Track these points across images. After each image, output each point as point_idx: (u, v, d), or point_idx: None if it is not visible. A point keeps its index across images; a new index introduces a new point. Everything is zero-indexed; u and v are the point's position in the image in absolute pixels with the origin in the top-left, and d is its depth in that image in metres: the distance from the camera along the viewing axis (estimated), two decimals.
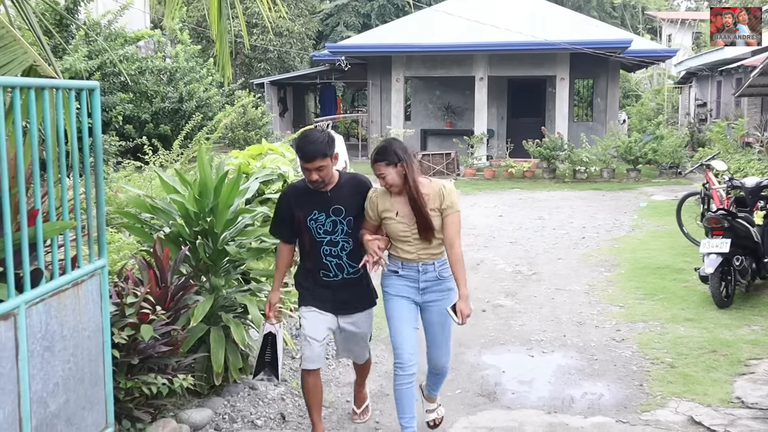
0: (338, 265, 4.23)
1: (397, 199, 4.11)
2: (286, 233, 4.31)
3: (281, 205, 4.30)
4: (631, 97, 33.23)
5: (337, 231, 4.20)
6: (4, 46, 3.10)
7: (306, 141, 4.05)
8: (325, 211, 4.18)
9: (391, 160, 4.03)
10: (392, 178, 4.03)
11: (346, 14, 33.13)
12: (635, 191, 16.17)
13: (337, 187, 4.22)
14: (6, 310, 2.64)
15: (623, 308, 7.09)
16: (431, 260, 4.18)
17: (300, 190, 4.25)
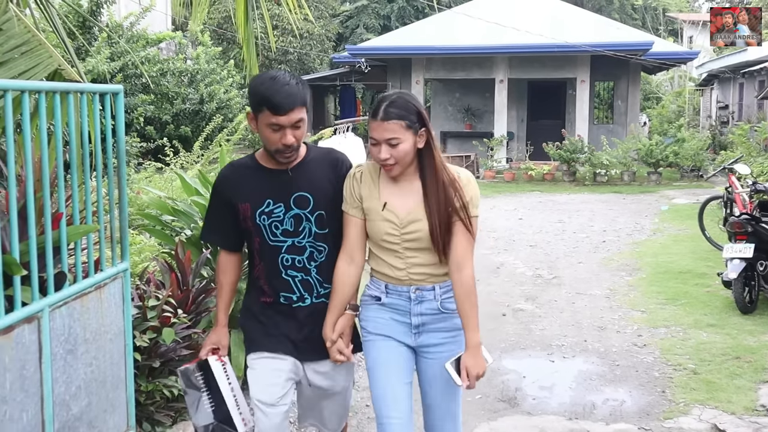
0: (305, 282, 2.98)
1: (390, 184, 2.92)
2: (224, 236, 3.09)
3: (216, 194, 3.05)
4: (651, 100, 33.01)
5: (302, 231, 2.94)
6: (29, 51, 3.13)
7: (277, 83, 2.78)
8: (284, 200, 2.92)
9: (411, 121, 2.82)
10: (405, 150, 2.81)
11: (365, 16, 33.15)
12: (656, 194, 16.05)
13: (303, 164, 2.96)
14: (30, 313, 2.66)
15: (645, 313, 7.03)
16: (430, 283, 2.94)
17: (244, 170, 3.00)
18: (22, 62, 3.10)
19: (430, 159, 2.89)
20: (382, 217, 2.89)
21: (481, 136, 20.91)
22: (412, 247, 2.90)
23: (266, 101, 2.77)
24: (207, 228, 3.16)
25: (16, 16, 3.23)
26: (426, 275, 2.94)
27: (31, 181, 2.73)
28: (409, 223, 2.88)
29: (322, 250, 3.00)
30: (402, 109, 2.83)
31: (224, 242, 3.12)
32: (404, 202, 2.89)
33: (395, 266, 2.94)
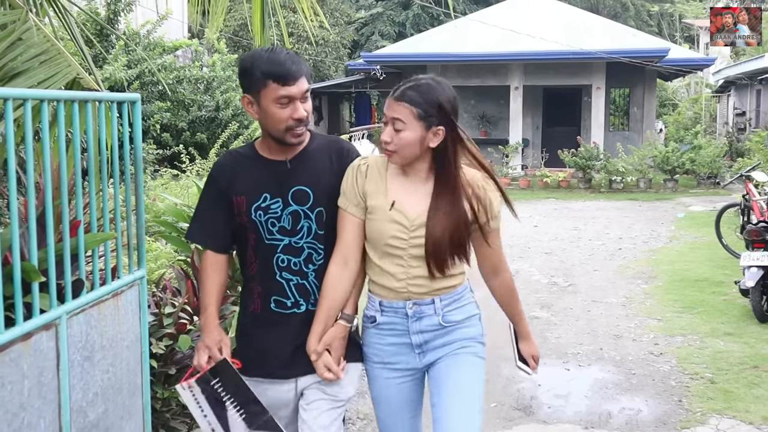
0: (300, 287, 2.68)
1: (399, 181, 2.61)
2: (214, 235, 2.75)
3: (211, 185, 2.75)
4: (668, 106, 32.89)
5: (301, 230, 2.65)
6: (48, 60, 3.16)
7: (277, 54, 2.55)
8: (281, 195, 2.64)
9: (426, 112, 2.51)
10: (407, 140, 2.51)
11: (381, 23, 33.24)
12: (672, 202, 15.98)
13: (304, 155, 2.68)
14: (48, 320, 2.67)
15: (661, 321, 7.00)
16: (429, 296, 2.64)
17: (242, 159, 2.72)
18: (41, 71, 3.13)
19: (444, 164, 2.56)
20: (389, 218, 2.55)
21: (496, 143, 20.89)
22: (418, 255, 2.57)
23: (271, 73, 2.50)
24: (196, 225, 2.78)
25: (36, 26, 3.26)
26: (428, 289, 2.63)
27: (49, 188, 2.76)
28: (419, 227, 2.56)
29: (321, 253, 2.68)
30: (421, 95, 2.51)
31: (214, 242, 2.75)
32: (415, 202, 2.58)
33: (395, 275, 2.60)
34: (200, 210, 2.78)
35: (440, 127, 2.53)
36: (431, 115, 2.51)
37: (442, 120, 2.52)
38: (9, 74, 3.09)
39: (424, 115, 2.50)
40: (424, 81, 2.56)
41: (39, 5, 4.02)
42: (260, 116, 2.59)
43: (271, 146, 2.68)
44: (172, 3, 17.39)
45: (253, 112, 2.60)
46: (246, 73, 2.57)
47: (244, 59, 2.60)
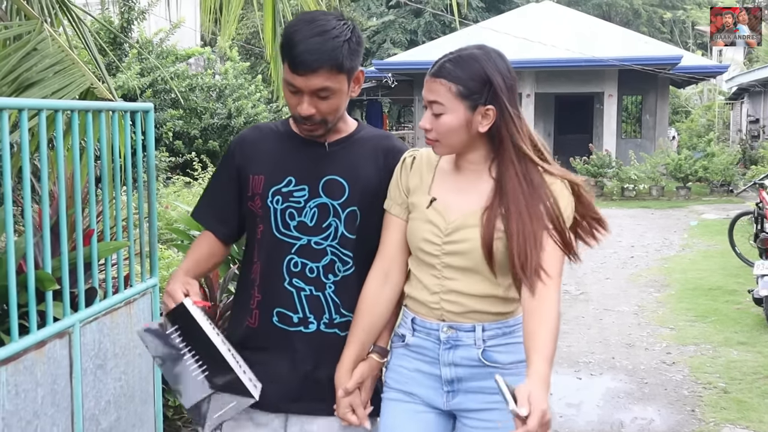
0: (313, 300, 2.18)
1: (450, 177, 2.15)
2: (221, 218, 2.31)
3: (227, 160, 2.32)
4: (680, 114, 32.78)
5: (327, 229, 2.18)
6: (63, 70, 3.19)
7: (309, 29, 2.05)
8: (310, 182, 2.18)
9: (468, 89, 2.01)
10: (448, 125, 2.03)
11: (392, 31, 33.30)
12: (685, 210, 15.92)
13: (346, 141, 2.24)
14: (61, 328, 2.69)
15: (674, 330, 6.97)
16: (470, 320, 2.10)
17: (269, 133, 2.30)
18: (55, 81, 3.16)
19: (505, 151, 2.04)
20: (425, 218, 2.10)
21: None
22: (453, 265, 2.07)
23: (286, 50, 2.06)
24: (205, 203, 2.37)
25: (51, 36, 3.29)
26: (465, 309, 2.09)
27: (63, 197, 2.78)
28: (456, 230, 2.06)
29: (348, 262, 2.20)
30: (462, 68, 2.02)
31: (220, 227, 2.31)
32: (461, 201, 2.09)
33: (428, 287, 2.11)
34: (211, 188, 2.37)
35: (489, 106, 2.01)
36: (475, 92, 2.01)
37: (490, 98, 2.01)
38: (24, 84, 3.12)
39: (466, 93, 2.01)
40: (467, 51, 2.06)
41: (54, 15, 4.06)
42: None
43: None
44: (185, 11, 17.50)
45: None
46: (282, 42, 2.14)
47: (287, 24, 2.22)
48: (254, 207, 2.23)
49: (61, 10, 4.17)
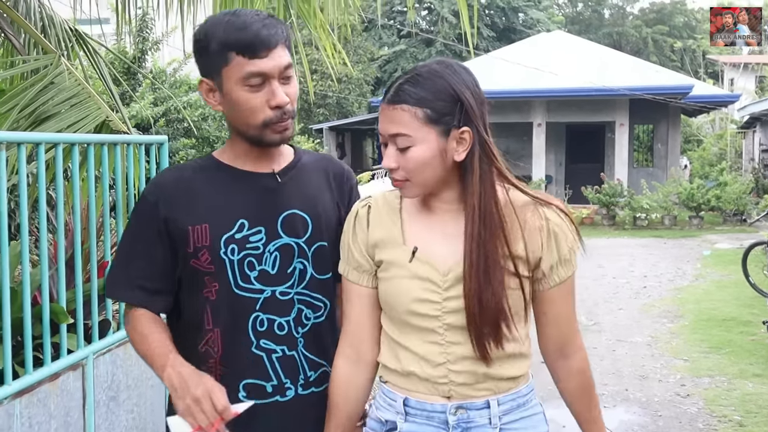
0: (287, 362, 1.84)
1: (421, 218, 1.79)
2: (148, 286, 1.83)
3: (143, 214, 1.86)
4: (692, 142, 32.76)
5: (292, 275, 1.84)
6: (79, 103, 3.23)
7: (242, 16, 1.76)
8: (267, 222, 1.83)
9: (437, 112, 1.67)
10: (419, 158, 1.68)
11: (403, 60, 33.53)
12: (698, 239, 15.84)
13: (295, 167, 1.92)
14: (75, 360, 2.71)
15: (688, 362, 6.91)
16: (483, 395, 1.74)
17: (197, 174, 1.87)
18: (72, 114, 3.20)
19: (470, 181, 1.70)
20: (411, 273, 1.72)
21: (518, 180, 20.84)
22: (458, 325, 1.70)
23: (232, 42, 1.73)
24: (120, 273, 1.85)
25: (67, 70, 3.34)
26: (478, 379, 1.72)
27: (78, 230, 2.80)
28: (456, 282, 1.70)
29: (320, 308, 1.88)
30: (424, 88, 1.67)
31: (151, 298, 1.83)
32: (449, 247, 1.72)
33: (429, 359, 1.72)
34: (127, 251, 1.86)
35: (464, 128, 1.68)
36: (445, 113, 1.67)
37: (463, 119, 1.68)
38: (41, 117, 3.17)
39: (435, 117, 1.67)
40: (425, 68, 1.71)
41: (70, 48, 4.12)
42: (225, 108, 1.82)
43: (245, 152, 1.86)
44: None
45: (215, 103, 1.83)
46: (200, 47, 1.80)
47: (198, 29, 1.83)
48: (200, 264, 1.80)
49: (77, 42, 4.23)
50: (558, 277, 1.76)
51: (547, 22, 36.39)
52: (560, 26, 36.57)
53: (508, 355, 1.73)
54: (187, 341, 1.82)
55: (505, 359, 1.73)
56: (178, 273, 1.82)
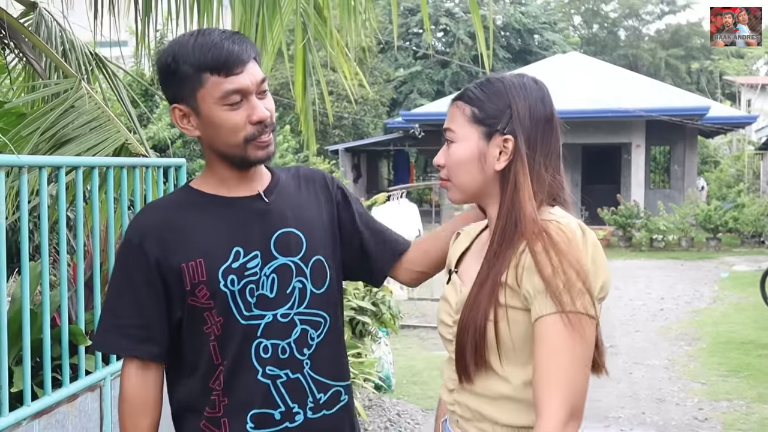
0: (293, 386, 1.78)
1: (477, 246, 1.75)
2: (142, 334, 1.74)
3: (128, 259, 1.77)
4: (709, 164, 32.59)
5: (293, 294, 1.80)
6: (99, 126, 3.28)
7: (209, 35, 1.71)
8: (261, 245, 1.78)
9: (488, 114, 1.63)
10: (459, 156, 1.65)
11: (419, 82, 33.65)
12: (715, 261, 15.74)
13: (277, 185, 1.88)
14: (93, 381, 2.73)
15: (706, 385, 6.85)
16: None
17: (182, 209, 1.80)
18: (92, 137, 3.25)
19: (507, 190, 1.62)
20: (443, 295, 1.74)
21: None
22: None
23: (206, 62, 1.68)
24: (111, 323, 1.76)
25: (87, 93, 3.39)
26: (472, 414, 1.63)
27: (97, 252, 2.83)
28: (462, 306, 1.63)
29: (321, 323, 1.82)
30: (483, 90, 1.65)
31: (148, 347, 1.75)
32: (477, 269, 1.64)
33: (446, 384, 1.72)
34: (117, 300, 1.77)
35: (507, 136, 1.61)
36: (492, 115, 1.62)
37: (510, 126, 1.62)
38: (61, 140, 3.21)
39: (481, 116, 1.63)
40: (498, 76, 1.69)
41: (90, 71, 4.17)
42: (203, 132, 1.76)
43: (227, 177, 1.81)
44: None
45: (192, 129, 1.76)
46: (169, 73, 1.74)
47: (162, 54, 1.76)
48: (197, 301, 1.73)
49: (97, 66, 4.29)
50: (546, 309, 1.49)
51: (563, 43, 36.45)
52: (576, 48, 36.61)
53: (502, 396, 1.57)
54: (199, 380, 1.77)
55: (499, 400, 1.58)
56: (176, 314, 1.75)
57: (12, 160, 2.37)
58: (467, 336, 1.56)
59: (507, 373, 1.56)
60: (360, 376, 5.58)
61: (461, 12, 33.59)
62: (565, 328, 1.47)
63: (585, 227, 1.60)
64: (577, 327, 1.47)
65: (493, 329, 1.54)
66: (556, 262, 1.48)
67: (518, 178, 1.60)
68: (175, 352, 1.78)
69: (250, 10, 3.72)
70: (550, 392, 1.47)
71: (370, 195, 17.98)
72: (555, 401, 1.46)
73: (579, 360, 1.49)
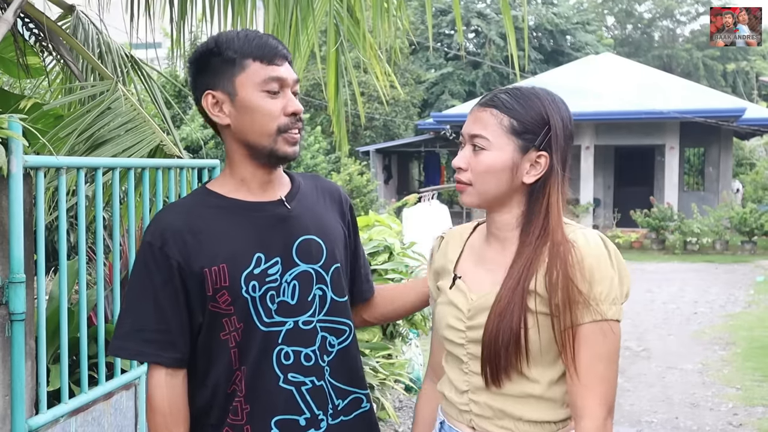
0: (317, 393, 1.79)
1: (479, 250, 1.79)
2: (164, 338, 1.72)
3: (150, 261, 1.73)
4: (745, 166, 32.15)
5: (314, 301, 1.81)
6: (135, 128, 3.32)
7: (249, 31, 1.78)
8: (281, 251, 1.78)
9: (524, 127, 1.66)
10: (489, 164, 1.66)
11: (450, 83, 33.58)
12: (751, 264, 15.52)
13: (297, 192, 1.88)
14: (128, 380, 2.76)
15: (740, 390, 6.76)
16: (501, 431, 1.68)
17: (204, 210, 1.78)
18: (128, 138, 3.29)
19: (542, 203, 1.68)
20: (448, 300, 1.76)
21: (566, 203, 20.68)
22: (479, 355, 1.68)
23: (250, 49, 1.74)
24: (130, 328, 1.74)
25: (123, 95, 3.43)
26: (493, 413, 1.68)
27: (133, 252, 2.87)
28: (480, 312, 1.68)
29: (344, 331, 1.85)
30: (519, 102, 1.67)
31: (169, 352, 1.73)
32: (485, 277, 1.72)
33: (456, 384, 1.75)
34: (137, 304, 1.74)
35: (543, 152, 1.66)
36: (531, 130, 1.66)
37: (546, 143, 1.66)
38: (98, 142, 3.26)
39: (520, 129, 1.66)
40: (529, 88, 1.73)
41: (125, 73, 4.23)
42: (236, 119, 1.76)
43: (249, 179, 1.81)
44: None
45: (223, 116, 1.77)
46: (209, 57, 1.77)
47: (203, 43, 1.81)
48: (219, 306, 1.73)
49: (132, 68, 4.34)
50: (588, 316, 1.61)
51: (596, 44, 36.15)
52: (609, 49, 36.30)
53: (529, 395, 1.65)
54: (210, 387, 1.76)
55: (525, 398, 1.66)
56: (197, 319, 1.74)
57: (51, 161, 2.41)
58: (499, 343, 1.62)
59: (535, 375, 1.65)
60: (390, 378, 5.59)
61: (493, 13, 33.47)
62: (604, 335, 1.60)
63: (604, 237, 1.70)
64: (613, 333, 1.62)
65: (524, 335, 1.61)
66: (588, 275, 1.59)
67: (551, 193, 1.67)
68: (194, 360, 1.77)
69: (283, 12, 3.75)
70: (592, 393, 1.61)
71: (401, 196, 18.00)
72: (596, 401, 1.61)
73: (614, 362, 1.64)
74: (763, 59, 40.28)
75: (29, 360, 2.33)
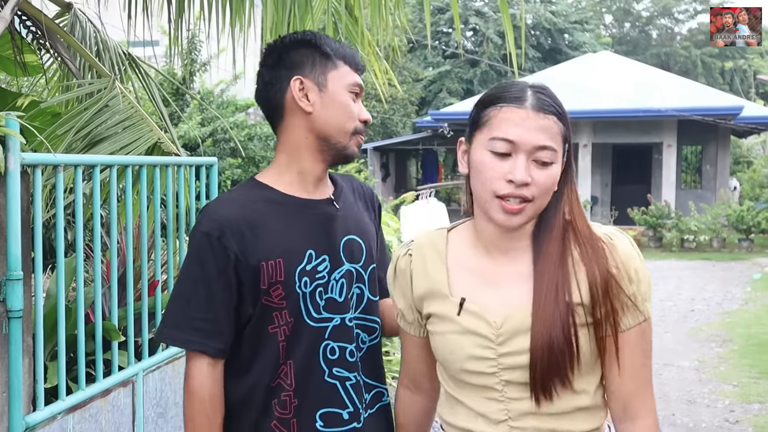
0: (357, 388, 1.85)
1: (469, 263, 1.63)
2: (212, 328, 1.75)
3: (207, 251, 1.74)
4: (742, 164, 32.18)
5: (352, 299, 1.87)
6: (132, 125, 3.31)
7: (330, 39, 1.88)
8: (330, 250, 1.83)
9: (565, 135, 1.55)
10: (554, 178, 1.53)
11: (448, 81, 33.59)
12: (747, 262, 15.55)
13: (340, 192, 1.94)
14: (126, 377, 2.77)
15: (737, 387, 6.78)
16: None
17: (262, 205, 1.81)
18: (125, 136, 3.28)
19: (559, 207, 1.58)
20: (461, 328, 1.58)
21: None
22: (519, 381, 1.55)
23: (345, 54, 1.86)
24: (182, 316, 1.77)
25: (121, 93, 3.43)
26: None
27: (130, 249, 2.87)
28: (514, 335, 1.55)
29: (375, 330, 1.92)
30: (562, 106, 1.55)
31: (216, 341, 1.76)
32: (498, 292, 1.58)
33: (488, 416, 1.59)
34: (190, 292, 1.77)
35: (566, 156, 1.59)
36: (570, 136, 1.58)
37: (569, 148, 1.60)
38: (95, 139, 3.25)
39: (567, 136, 1.56)
40: (537, 83, 1.59)
41: (123, 71, 4.22)
42: (321, 109, 1.82)
43: (305, 173, 1.86)
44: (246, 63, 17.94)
45: (306, 103, 1.82)
46: (307, 45, 1.85)
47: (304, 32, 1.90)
48: (271, 300, 1.76)
49: (130, 66, 4.34)
50: (633, 320, 1.57)
51: (594, 43, 36.17)
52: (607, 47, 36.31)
53: (577, 408, 1.57)
54: (254, 379, 1.79)
55: (574, 413, 1.57)
56: (247, 312, 1.77)
57: (48, 158, 2.41)
58: (552, 363, 1.51)
59: (583, 386, 1.58)
60: (388, 375, 5.60)
61: (491, 11, 33.47)
62: (644, 334, 1.60)
63: (625, 234, 1.65)
64: (650, 329, 1.62)
65: (575, 347, 1.53)
66: (634, 276, 1.56)
67: (572, 194, 1.60)
68: (231, 351, 1.79)
69: (281, 10, 3.75)
70: (646, 393, 1.60)
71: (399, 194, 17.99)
72: (649, 399, 1.61)
73: (651, 359, 1.64)
74: (761, 57, 40.31)
75: (27, 357, 2.34)
